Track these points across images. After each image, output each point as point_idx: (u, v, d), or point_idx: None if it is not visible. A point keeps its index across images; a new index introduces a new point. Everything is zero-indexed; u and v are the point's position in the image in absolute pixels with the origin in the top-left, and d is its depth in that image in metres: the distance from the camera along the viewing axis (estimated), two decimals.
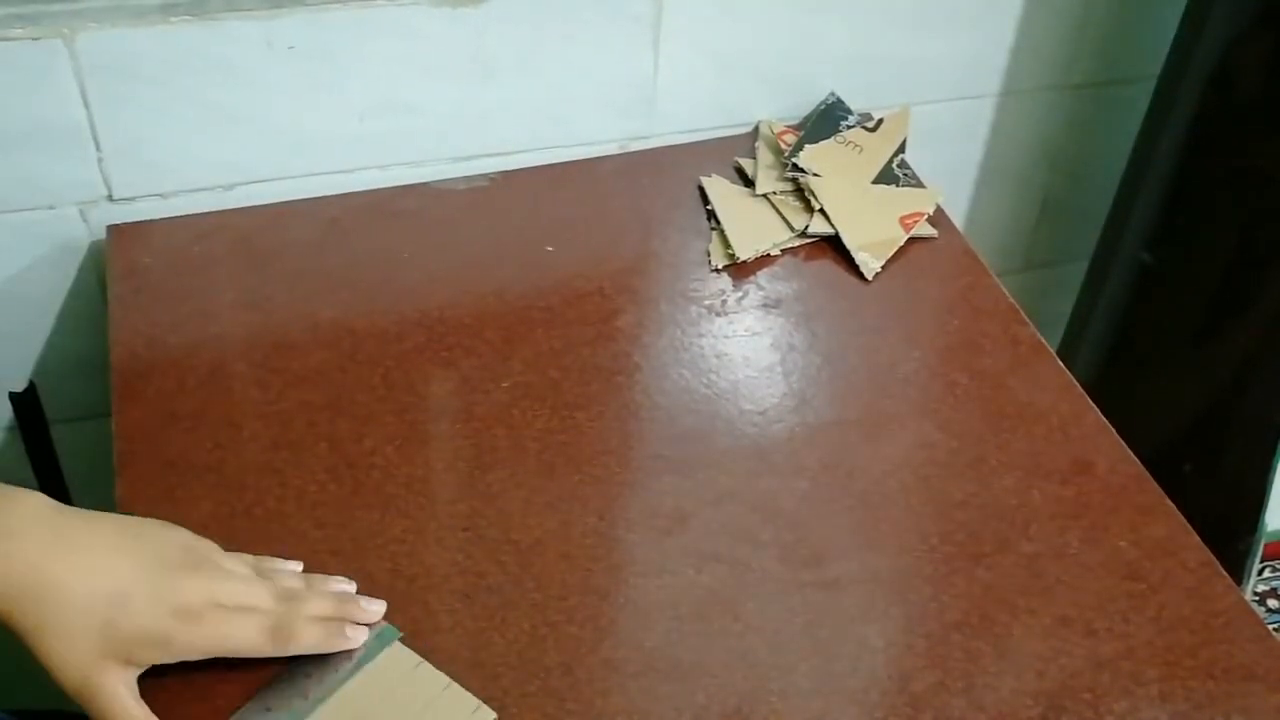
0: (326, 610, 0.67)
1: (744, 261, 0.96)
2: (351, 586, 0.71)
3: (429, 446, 0.81)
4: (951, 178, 1.23)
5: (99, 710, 0.61)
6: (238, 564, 0.68)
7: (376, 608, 0.69)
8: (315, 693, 0.65)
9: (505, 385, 0.85)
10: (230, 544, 0.70)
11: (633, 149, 1.08)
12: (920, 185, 1.04)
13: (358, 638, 0.67)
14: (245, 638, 0.64)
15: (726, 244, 0.97)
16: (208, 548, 0.67)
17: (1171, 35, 1.10)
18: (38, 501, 0.62)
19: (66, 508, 0.63)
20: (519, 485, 0.79)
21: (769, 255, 0.98)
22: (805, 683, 0.70)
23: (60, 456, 1.08)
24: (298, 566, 0.71)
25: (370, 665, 0.67)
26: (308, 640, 0.65)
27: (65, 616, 0.59)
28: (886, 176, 1.03)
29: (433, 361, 0.87)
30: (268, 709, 0.64)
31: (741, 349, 0.90)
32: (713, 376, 0.88)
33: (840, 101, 1.10)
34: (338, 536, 0.75)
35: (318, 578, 0.70)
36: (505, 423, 0.83)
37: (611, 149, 1.07)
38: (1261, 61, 1.03)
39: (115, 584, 0.61)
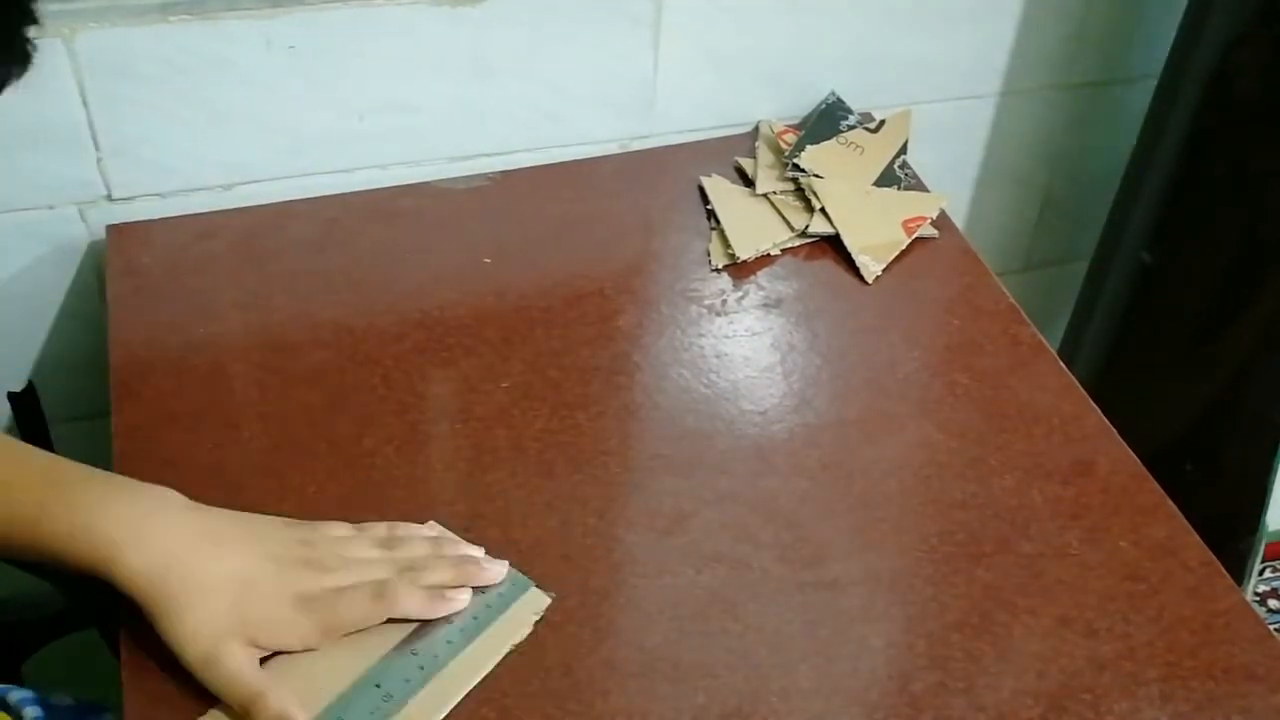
0: (445, 579, 0.70)
1: (744, 261, 0.96)
2: (479, 551, 0.73)
3: (429, 446, 0.81)
4: (951, 178, 1.23)
5: (224, 676, 0.64)
6: (361, 546, 0.71)
7: (497, 569, 0.72)
8: (458, 639, 0.69)
9: (505, 385, 0.85)
10: None
11: (633, 149, 1.08)
12: (923, 188, 1.04)
13: (457, 602, 0.70)
14: (357, 612, 0.67)
15: (726, 244, 0.97)
16: (331, 539, 0.71)
17: (1171, 35, 1.10)
18: (176, 497, 0.68)
19: (201, 505, 0.69)
20: (519, 485, 0.79)
21: (769, 255, 0.97)
22: (805, 683, 0.70)
23: (59, 456, 1.08)
24: (431, 531, 0.74)
25: (506, 614, 0.71)
26: (408, 605, 0.68)
27: (197, 596, 0.64)
28: (888, 178, 1.03)
29: (433, 361, 0.87)
30: (413, 653, 0.68)
31: (741, 349, 0.90)
32: (713, 376, 0.88)
33: (840, 101, 1.10)
34: None
35: (447, 543, 0.73)
36: (505, 423, 0.83)
37: (611, 149, 1.07)
38: (1261, 61, 1.03)
39: (243, 572, 0.66)
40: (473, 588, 0.71)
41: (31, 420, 1.04)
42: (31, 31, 0.47)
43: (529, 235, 0.98)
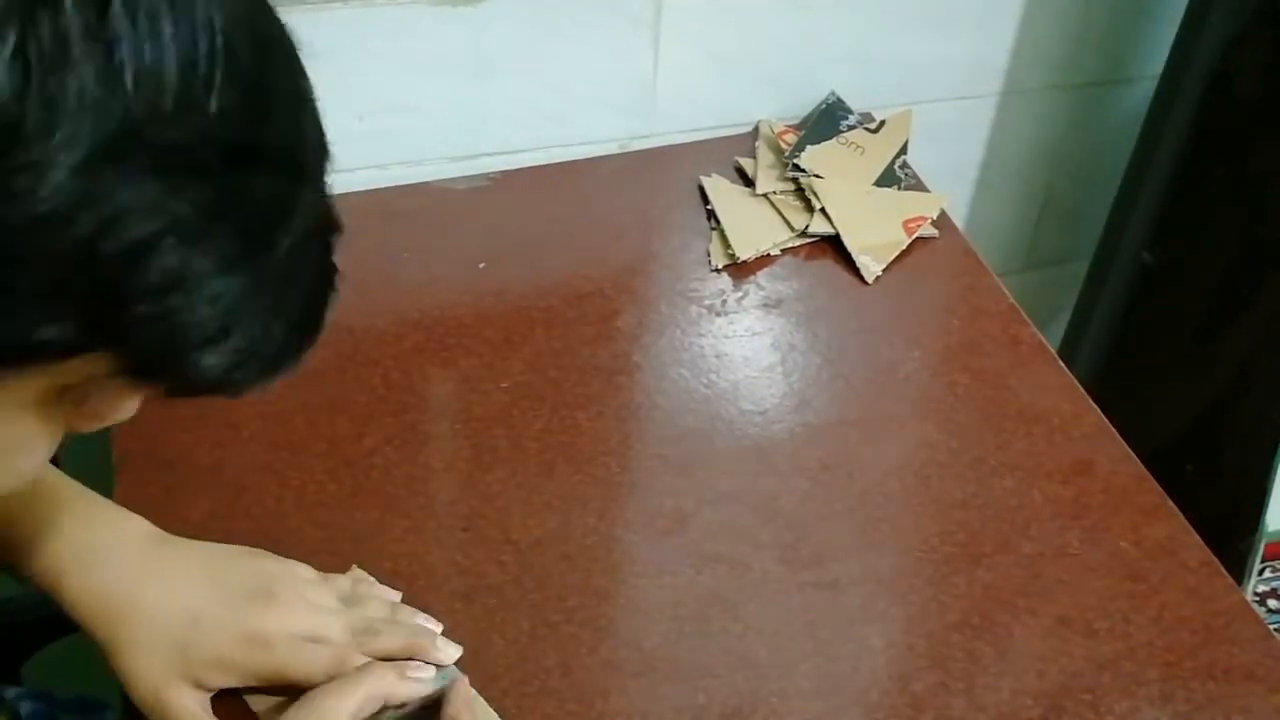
0: (396, 647, 0.66)
1: (744, 261, 0.96)
2: (437, 626, 0.69)
3: (429, 446, 0.81)
4: (952, 178, 1.23)
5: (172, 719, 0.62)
6: (323, 594, 0.67)
7: (451, 652, 0.68)
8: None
9: (505, 385, 0.85)
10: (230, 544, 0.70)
11: (633, 149, 1.08)
12: (923, 188, 1.04)
13: (416, 688, 0.65)
14: (308, 671, 0.64)
15: (726, 244, 0.97)
16: (294, 577, 0.67)
17: (1171, 35, 1.10)
18: (139, 526, 0.66)
19: (167, 536, 0.66)
20: (519, 485, 0.79)
21: (769, 255, 0.97)
22: (805, 683, 0.70)
23: (60, 456, 1.08)
24: (395, 596, 0.71)
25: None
26: (366, 689, 0.63)
27: (142, 634, 0.62)
28: (888, 178, 1.03)
29: (432, 361, 0.87)
30: None
31: (741, 349, 0.90)
32: (713, 376, 0.88)
33: (841, 101, 1.10)
34: (337, 537, 0.75)
35: (405, 610, 0.70)
36: (505, 423, 0.83)
37: (612, 149, 1.07)
38: (1261, 61, 1.03)
39: (191, 607, 0.63)
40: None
41: None
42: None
43: (529, 235, 0.98)
